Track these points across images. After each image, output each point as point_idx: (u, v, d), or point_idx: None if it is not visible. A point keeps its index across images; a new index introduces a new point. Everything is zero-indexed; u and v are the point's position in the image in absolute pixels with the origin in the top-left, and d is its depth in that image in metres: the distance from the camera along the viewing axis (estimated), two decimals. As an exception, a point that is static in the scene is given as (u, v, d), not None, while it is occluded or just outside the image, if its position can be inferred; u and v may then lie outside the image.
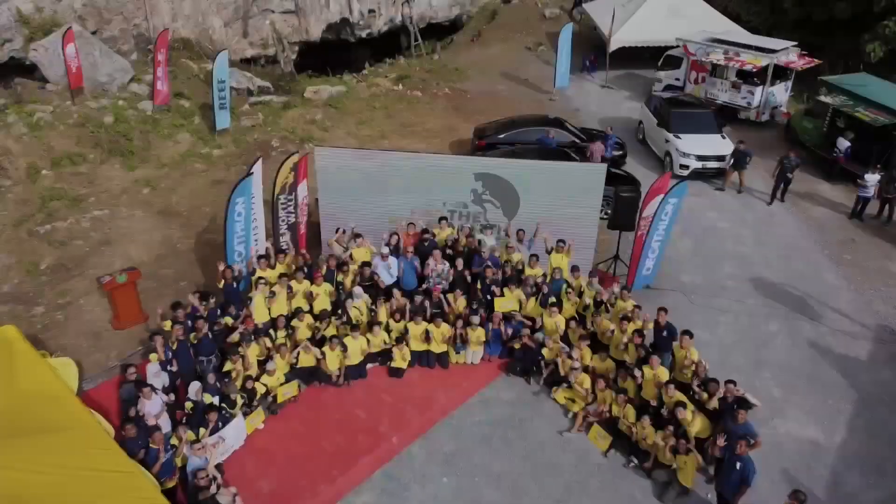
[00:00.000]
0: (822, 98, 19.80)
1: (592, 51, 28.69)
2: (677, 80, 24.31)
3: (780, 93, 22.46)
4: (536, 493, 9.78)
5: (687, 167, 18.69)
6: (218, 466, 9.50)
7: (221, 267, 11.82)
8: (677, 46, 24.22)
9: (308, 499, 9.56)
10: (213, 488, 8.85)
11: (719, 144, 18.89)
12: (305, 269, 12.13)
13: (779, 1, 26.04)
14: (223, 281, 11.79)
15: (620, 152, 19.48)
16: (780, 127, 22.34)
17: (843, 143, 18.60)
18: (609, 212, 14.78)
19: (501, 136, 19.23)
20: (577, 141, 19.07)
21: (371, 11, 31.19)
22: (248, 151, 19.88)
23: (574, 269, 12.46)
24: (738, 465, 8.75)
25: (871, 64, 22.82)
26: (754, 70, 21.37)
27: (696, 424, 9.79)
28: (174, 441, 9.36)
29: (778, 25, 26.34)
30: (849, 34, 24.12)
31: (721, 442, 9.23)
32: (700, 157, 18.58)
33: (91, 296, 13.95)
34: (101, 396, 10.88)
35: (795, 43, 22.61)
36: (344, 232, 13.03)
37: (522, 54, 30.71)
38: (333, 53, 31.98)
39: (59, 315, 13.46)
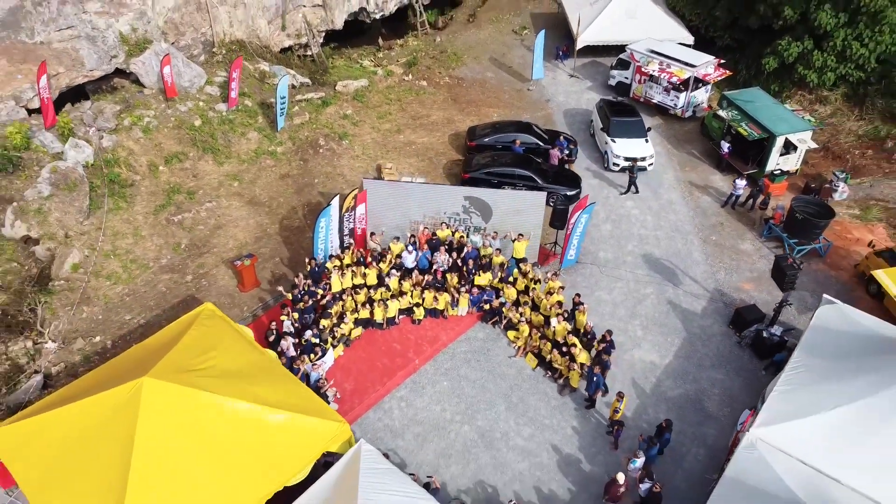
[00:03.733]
0: (720, 112, 26.93)
1: (564, 40, 35.11)
2: (626, 78, 31.11)
3: (701, 94, 29.43)
4: (494, 390, 18.13)
5: (618, 165, 26.12)
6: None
7: (308, 259, 19.75)
8: (628, 51, 30.86)
9: (371, 393, 17.87)
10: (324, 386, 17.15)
11: (642, 148, 26.16)
12: (362, 260, 20.04)
13: (714, 7, 32.28)
14: (309, 267, 19.75)
15: (570, 150, 26.79)
16: (699, 121, 29.47)
17: (725, 145, 26.03)
18: (557, 202, 22.28)
19: (486, 139, 26.51)
20: (540, 144, 26.38)
21: (383, -2, 37.27)
22: (302, 148, 27.21)
23: (523, 259, 20.36)
24: (595, 378, 17.02)
25: (768, 73, 29.63)
26: (679, 81, 28.32)
27: (582, 356, 17.95)
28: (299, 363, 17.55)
29: (713, 25, 32.67)
30: (763, 40, 30.64)
31: (589, 367, 17.53)
32: (627, 158, 25.95)
33: (219, 268, 21.90)
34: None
35: (715, 59, 29.39)
36: (373, 235, 20.87)
37: (509, 38, 36.99)
38: (351, 30, 38.31)
39: (203, 282, 21.45)
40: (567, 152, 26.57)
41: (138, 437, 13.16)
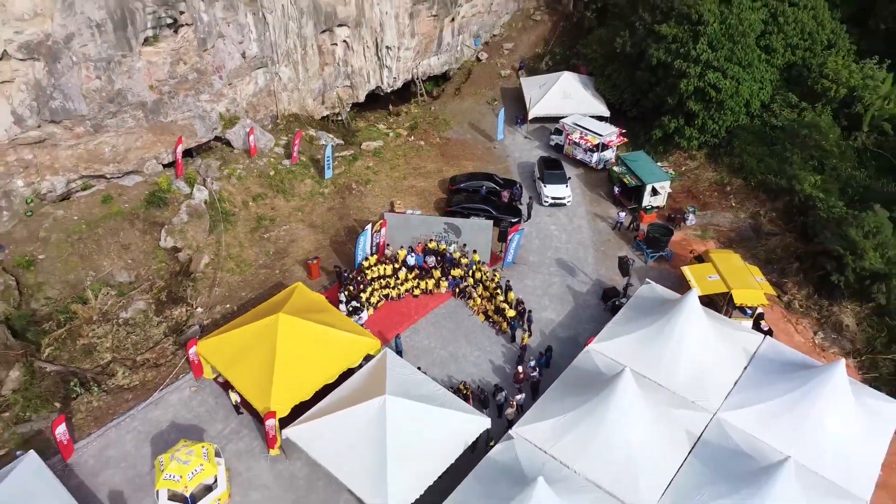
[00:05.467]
0: (614, 168, 40.87)
1: (522, 111, 49.09)
2: (561, 141, 45.06)
3: (609, 153, 43.34)
4: (459, 332, 31.84)
5: (548, 201, 40.00)
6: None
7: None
8: (561, 123, 44.86)
9: (389, 335, 31.48)
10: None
11: (563, 191, 40.05)
12: (384, 260, 33.91)
13: (623, 91, 46.31)
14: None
15: (517, 192, 40.68)
16: (607, 172, 43.29)
17: (616, 189, 39.99)
18: (501, 227, 36.03)
19: (462, 185, 40.43)
20: (497, 188, 40.29)
21: (395, 78, 51.45)
22: (341, 191, 41.09)
23: (478, 261, 34.20)
24: (513, 325, 30.80)
25: (657, 139, 43.61)
26: (592, 145, 42.32)
27: (509, 313, 31.64)
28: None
29: (624, 103, 46.68)
30: (655, 115, 44.59)
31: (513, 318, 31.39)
32: (553, 198, 39.88)
33: (295, 266, 35.66)
34: (318, 304, 32.75)
35: (619, 130, 43.40)
36: (388, 245, 34.81)
37: (484, 107, 51.02)
38: (369, 98, 52.38)
39: (286, 274, 35.22)
40: (516, 194, 40.49)
41: (278, 344, 26.78)
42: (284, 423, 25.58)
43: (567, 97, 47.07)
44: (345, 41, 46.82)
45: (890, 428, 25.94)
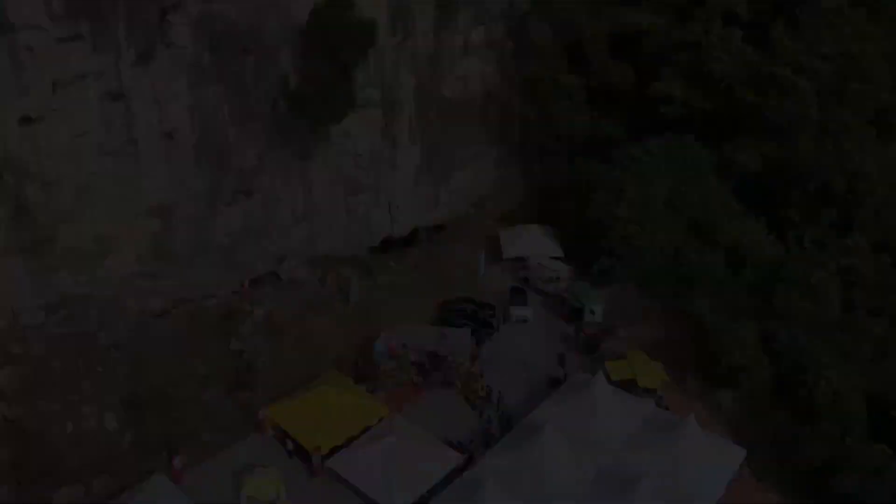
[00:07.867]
0: (564, 295, 55.40)
1: (499, 252, 64.31)
2: (527, 276, 59.84)
3: (562, 284, 57.91)
4: (451, 407, 44.96)
5: (514, 319, 54.13)
6: (378, 401, 44.75)
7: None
8: (527, 262, 59.92)
9: (398, 408, 44.61)
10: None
11: (526, 311, 54.29)
12: (395, 357, 47.71)
13: (571, 237, 61.69)
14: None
15: (492, 311, 54.92)
16: (560, 297, 57.56)
17: (566, 309, 54.29)
18: (478, 336, 49.99)
19: (451, 306, 54.84)
20: (476, 308, 54.60)
21: (403, 228, 67.32)
22: (363, 311, 55.40)
23: (464, 359, 47.91)
24: (484, 407, 44.10)
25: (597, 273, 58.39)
26: (549, 278, 57.08)
27: (482, 393, 44.89)
28: (368, 395, 44.57)
29: (574, 250, 61.86)
30: (594, 258, 59.47)
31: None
32: (518, 316, 54.08)
33: (330, 364, 49.37)
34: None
35: (569, 267, 58.34)
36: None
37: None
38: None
39: (323, 369, 48.85)
40: (491, 313, 54.77)
41: (322, 407, 40.11)
42: (324, 459, 38.38)
43: (533, 242, 62.51)
44: (366, 202, 63.14)
45: (735, 462, 38.67)
